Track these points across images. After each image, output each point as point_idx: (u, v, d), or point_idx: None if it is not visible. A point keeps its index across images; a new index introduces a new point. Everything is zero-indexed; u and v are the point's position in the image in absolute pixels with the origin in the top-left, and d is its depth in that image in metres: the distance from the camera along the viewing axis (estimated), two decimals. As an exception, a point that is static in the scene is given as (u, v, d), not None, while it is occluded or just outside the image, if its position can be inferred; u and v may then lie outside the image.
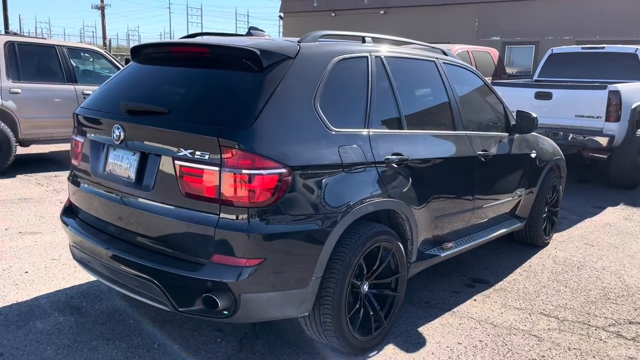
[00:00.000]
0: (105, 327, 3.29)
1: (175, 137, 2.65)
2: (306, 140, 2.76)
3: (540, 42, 13.80)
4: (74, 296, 3.71)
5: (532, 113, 4.44)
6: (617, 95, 7.20)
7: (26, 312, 3.44)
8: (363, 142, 3.03)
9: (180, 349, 3.09)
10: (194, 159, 2.59)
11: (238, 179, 2.53)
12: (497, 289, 4.26)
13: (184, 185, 2.63)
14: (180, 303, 2.68)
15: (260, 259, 2.57)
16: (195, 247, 2.63)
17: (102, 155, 3.07)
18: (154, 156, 2.77)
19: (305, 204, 2.70)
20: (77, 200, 3.32)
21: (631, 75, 8.52)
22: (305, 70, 2.88)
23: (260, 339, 3.25)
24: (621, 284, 4.45)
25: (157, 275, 2.67)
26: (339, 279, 2.85)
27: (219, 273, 2.55)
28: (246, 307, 2.61)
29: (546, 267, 4.77)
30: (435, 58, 3.90)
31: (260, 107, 2.62)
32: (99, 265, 3.03)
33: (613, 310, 3.93)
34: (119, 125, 2.87)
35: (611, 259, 5.04)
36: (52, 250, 4.58)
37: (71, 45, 8.35)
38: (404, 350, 3.23)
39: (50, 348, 3.03)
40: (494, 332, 3.52)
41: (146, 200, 2.78)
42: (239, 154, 2.52)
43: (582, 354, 3.29)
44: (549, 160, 5.06)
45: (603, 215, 6.65)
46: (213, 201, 2.57)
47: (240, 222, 2.55)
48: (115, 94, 3.18)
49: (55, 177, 7.53)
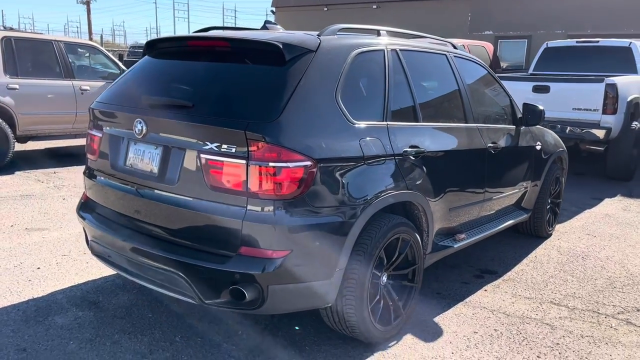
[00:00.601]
0: (125, 321, 3.30)
1: (201, 130, 2.67)
2: (329, 133, 2.79)
3: (532, 36, 13.91)
4: (90, 291, 3.71)
5: (538, 106, 4.50)
6: (614, 88, 7.30)
7: (44, 307, 3.44)
8: (382, 135, 3.07)
9: (203, 341, 3.11)
10: (220, 152, 2.61)
11: (265, 171, 2.55)
12: (506, 279, 4.32)
13: (210, 178, 2.65)
14: (206, 295, 2.69)
15: (287, 251, 2.60)
16: (222, 240, 2.64)
17: (122, 149, 3.07)
18: (177, 150, 2.78)
19: (330, 196, 2.72)
20: (95, 194, 3.32)
21: (625, 69, 8.63)
22: (327, 63, 2.90)
23: (281, 330, 3.27)
24: (626, 273, 4.53)
25: (184, 268, 2.69)
26: (361, 270, 2.89)
27: (247, 265, 2.58)
28: (273, 299, 2.63)
29: (552, 257, 4.85)
30: (447, 51, 3.94)
31: (285, 101, 2.64)
32: (120, 259, 3.03)
33: (620, 299, 4.01)
34: (141, 119, 2.88)
35: (614, 248, 5.13)
36: (61, 247, 4.56)
37: (68, 41, 8.28)
38: (422, 339, 3.27)
39: (72, 342, 3.04)
40: (508, 321, 3.58)
41: (170, 193, 2.79)
42: (265, 147, 2.54)
43: (595, 341, 3.35)
44: (553, 152, 5.13)
45: (602, 206, 6.75)
46: (240, 194, 2.59)
47: (267, 214, 2.57)
48: (133, 88, 3.17)
49: (54, 173, 7.49)
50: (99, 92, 8.16)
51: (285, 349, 3.07)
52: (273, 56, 2.81)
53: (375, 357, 3.05)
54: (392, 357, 3.06)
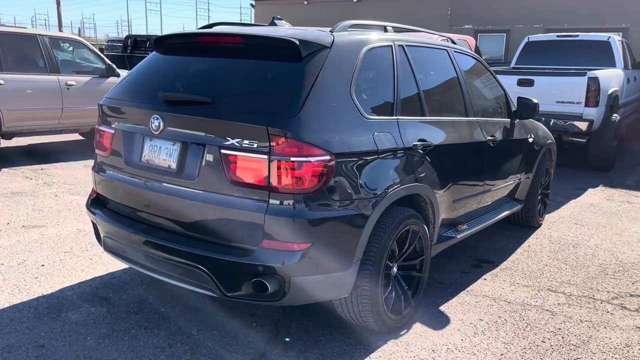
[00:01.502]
0: (139, 316, 3.32)
1: (221, 126, 2.70)
2: (345, 128, 2.85)
3: (511, 30, 14.16)
4: (99, 287, 3.71)
5: (533, 99, 4.63)
6: (596, 82, 7.52)
7: (55, 304, 3.44)
8: (393, 129, 3.15)
9: (219, 334, 3.15)
10: (241, 147, 2.65)
11: (286, 166, 2.60)
12: (503, 268, 4.46)
13: (231, 173, 2.69)
14: (228, 288, 2.74)
15: (309, 243, 2.66)
16: (243, 233, 2.69)
17: (137, 145, 3.09)
18: (196, 145, 2.81)
19: (347, 190, 2.79)
20: (106, 190, 3.32)
21: (604, 63, 8.89)
22: (341, 59, 2.96)
23: (294, 322, 3.34)
24: (615, 260, 4.71)
25: (205, 262, 2.73)
26: (376, 261, 2.97)
27: (270, 258, 2.63)
28: (295, 291, 2.70)
29: (544, 246, 5.01)
30: (447, 47, 4.03)
31: (304, 96, 2.70)
32: (137, 254, 3.06)
33: (613, 285, 4.18)
34: (158, 115, 2.90)
35: (602, 237, 5.32)
36: (62, 243, 4.54)
37: (53, 35, 8.15)
38: (431, 328, 3.37)
39: (90, 338, 3.05)
40: (510, 308, 3.70)
41: (190, 188, 2.82)
42: (287, 142, 2.59)
43: (594, 326, 3.50)
44: (544, 144, 5.29)
45: (586, 196, 6.97)
46: (261, 188, 2.64)
47: (289, 208, 2.63)
48: (147, 84, 3.19)
49: (42, 170, 7.39)
50: (85, 87, 8.12)
51: (301, 339, 3.14)
52: (289, 52, 2.86)
53: (388, 345, 3.14)
54: (405, 345, 3.16)
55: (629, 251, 4.94)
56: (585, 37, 9.34)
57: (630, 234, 5.44)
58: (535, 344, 3.23)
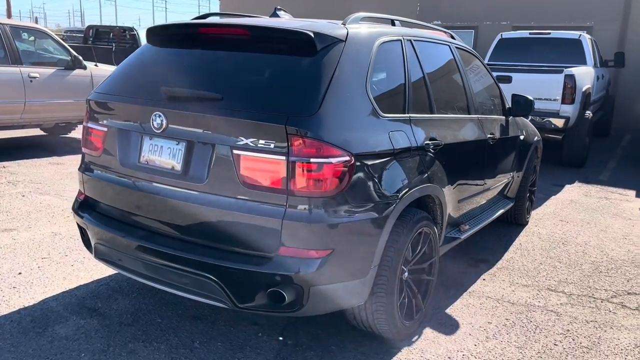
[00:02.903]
0: (134, 329, 3.09)
1: (234, 125, 2.50)
2: (362, 126, 2.70)
3: (479, 27, 14.28)
4: (85, 297, 3.44)
5: (527, 96, 4.59)
6: (572, 79, 7.61)
7: (40, 317, 3.16)
8: (406, 128, 3.01)
9: (224, 346, 2.96)
10: (256, 148, 2.46)
11: (306, 167, 2.43)
12: (500, 267, 4.40)
13: (245, 175, 2.49)
14: (241, 299, 2.55)
15: (329, 250, 2.50)
16: (258, 240, 2.50)
17: (134, 144, 2.84)
18: (204, 145, 2.60)
19: (366, 192, 2.64)
20: (97, 193, 3.07)
21: (575, 60, 9.02)
22: (356, 53, 2.80)
23: (301, 330, 3.17)
24: (606, 257, 4.73)
25: (216, 271, 2.53)
26: (392, 266, 2.83)
27: (289, 266, 2.46)
28: (313, 301, 2.53)
29: (535, 244, 4.99)
30: (450, 42, 3.92)
31: (322, 93, 2.52)
32: (134, 262, 2.82)
33: (609, 283, 4.18)
34: (160, 112, 2.67)
35: (588, 234, 5.35)
36: (37, 249, 4.22)
37: (14, 24, 7.65)
38: (442, 333, 3.27)
39: (84, 355, 2.80)
40: (515, 309, 3.64)
41: (198, 191, 2.61)
42: (307, 142, 2.41)
43: (600, 326, 3.47)
44: (533, 142, 5.27)
45: (565, 192, 7.04)
46: (279, 192, 2.46)
47: (309, 212, 2.45)
48: (142, 78, 2.94)
49: (4, 167, 6.93)
50: (50, 80, 7.66)
51: (312, 349, 2.98)
52: (303, 46, 2.67)
53: (403, 353, 3.02)
54: (419, 352, 3.04)
55: (617, 248, 4.98)
56: (556, 34, 9.46)
57: (614, 231, 5.49)
58: (548, 347, 3.17)
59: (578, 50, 9.19)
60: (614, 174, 8.31)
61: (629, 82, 12.58)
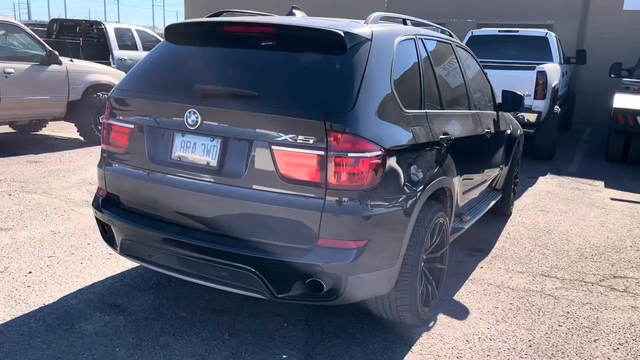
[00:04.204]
0: (162, 323, 3.13)
1: (272, 121, 2.58)
2: (390, 122, 2.82)
3: (446, 24, 14.60)
4: (104, 294, 3.45)
5: (518, 92, 4.81)
6: (544, 75, 7.96)
7: (63, 315, 3.16)
8: (424, 123, 3.15)
9: (254, 337, 3.04)
10: (296, 143, 2.55)
11: (344, 162, 2.53)
12: (494, 256, 4.62)
13: (284, 170, 2.58)
14: (280, 290, 2.64)
15: (365, 241, 2.62)
16: (298, 232, 2.60)
17: (165, 141, 2.88)
18: (241, 141, 2.67)
19: (397, 185, 2.77)
20: (123, 189, 3.08)
21: (542, 57, 9.41)
22: (381, 51, 2.91)
23: (324, 319, 3.28)
24: (589, 244, 5.03)
25: (256, 264, 2.61)
26: (415, 255, 2.98)
27: (328, 256, 2.56)
28: (350, 289, 2.64)
29: (522, 233, 5.25)
30: (451, 40, 4.09)
31: (356, 90, 2.64)
32: (166, 257, 2.87)
33: (596, 267, 4.46)
34: (195, 109, 2.72)
35: (569, 223, 5.65)
36: (40, 247, 4.17)
37: (-14, 18, 7.42)
38: (455, 318, 3.44)
39: (119, 349, 2.83)
40: (516, 295, 3.85)
41: (236, 187, 2.68)
42: (344, 138, 2.52)
43: (596, 307, 3.72)
44: (517, 136, 5.53)
45: (539, 184, 7.37)
46: (317, 185, 2.56)
47: (347, 205, 2.57)
48: (169, 76, 2.98)
49: (-20, 166, 6.74)
50: (25, 75, 7.46)
51: (338, 337, 3.09)
52: (333, 44, 2.77)
53: (423, 338, 3.17)
54: (438, 336, 3.20)
55: (596, 235, 5.29)
56: (524, 32, 9.83)
57: (591, 219, 5.82)
58: (554, 329, 3.38)
59: (545, 47, 9.59)
60: (581, 165, 8.74)
61: (587, 78, 13.17)
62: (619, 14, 13.10)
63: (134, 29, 13.23)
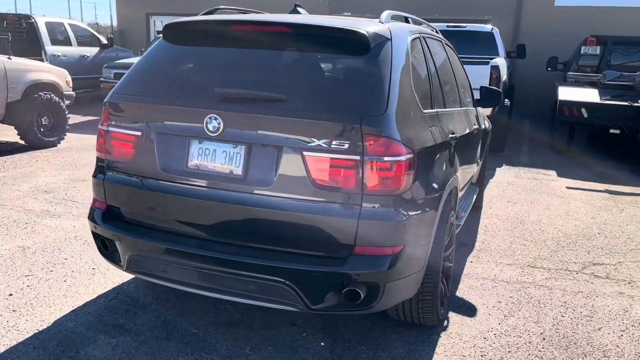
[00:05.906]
0: (175, 342, 2.93)
1: (303, 126, 2.46)
2: (414, 123, 2.78)
3: (387, 19, 14.77)
4: (102, 314, 3.19)
5: (496, 88, 4.91)
6: (497, 70, 8.20)
7: (64, 340, 2.89)
8: (437, 122, 3.13)
9: (276, 349, 2.91)
10: (330, 148, 2.44)
11: (380, 166, 2.46)
12: (479, 249, 4.70)
13: (317, 177, 2.47)
14: (314, 301, 2.54)
15: (401, 246, 2.56)
16: (333, 241, 2.50)
17: (179, 149, 2.68)
18: (267, 148, 2.53)
19: (425, 187, 2.73)
20: (130, 201, 2.86)
21: (488, 52, 9.68)
22: (400, 51, 2.85)
23: (340, 326, 3.20)
24: (561, 233, 5.23)
25: (289, 275, 2.49)
26: (437, 256, 2.96)
27: (366, 265, 2.49)
28: (387, 296, 2.58)
29: (498, 225, 5.38)
30: (441, 38, 4.10)
31: (386, 92, 2.57)
32: (184, 273, 2.69)
33: (575, 256, 4.64)
34: (216, 115, 2.55)
35: (536, 213, 5.86)
36: (14, 266, 3.81)
37: None
38: (465, 315, 3.46)
39: (138, 375, 2.63)
40: (512, 287, 3.93)
41: (264, 195, 2.53)
42: (380, 141, 2.45)
43: (588, 296, 3.86)
44: (489, 131, 5.66)
45: (499, 175, 7.61)
46: (353, 191, 2.47)
47: (384, 210, 2.50)
48: (181, 79, 2.78)
49: None
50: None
51: (361, 344, 3.02)
52: (356, 44, 2.68)
53: (442, 338, 3.16)
54: (457, 336, 3.20)
55: (565, 224, 5.51)
56: (471, 27, 10.08)
57: (556, 208, 6.06)
58: (558, 320, 3.47)
59: (491, 42, 9.88)
60: (531, 156, 9.12)
61: (524, 71, 13.75)
62: (551, 10, 13.75)
63: (66, 23, 12.44)
